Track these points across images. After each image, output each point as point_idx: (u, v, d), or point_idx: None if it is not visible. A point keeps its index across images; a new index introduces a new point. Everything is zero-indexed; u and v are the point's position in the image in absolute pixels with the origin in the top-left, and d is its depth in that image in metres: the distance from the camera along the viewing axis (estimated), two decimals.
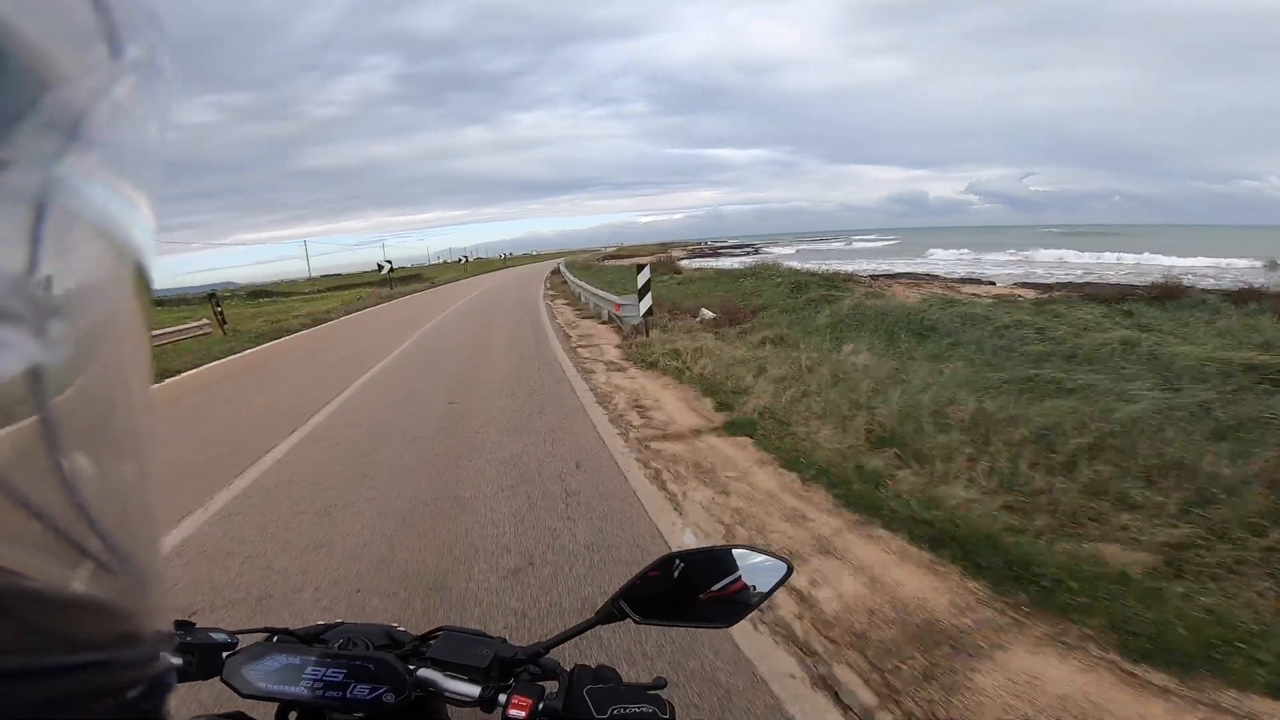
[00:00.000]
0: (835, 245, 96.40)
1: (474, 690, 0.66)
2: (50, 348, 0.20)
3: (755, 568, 0.73)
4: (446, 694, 0.67)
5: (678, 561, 0.71)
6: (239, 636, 0.70)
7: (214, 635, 0.68)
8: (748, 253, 67.20)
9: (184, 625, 0.69)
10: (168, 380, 8.56)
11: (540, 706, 0.64)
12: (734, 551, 0.73)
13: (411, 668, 0.67)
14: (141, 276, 0.25)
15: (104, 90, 0.22)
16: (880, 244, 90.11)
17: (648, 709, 0.62)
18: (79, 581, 0.22)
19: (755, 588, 0.72)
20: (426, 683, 0.67)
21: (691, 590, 0.71)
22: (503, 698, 0.65)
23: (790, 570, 0.74)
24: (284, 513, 3.44)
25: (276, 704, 0.66)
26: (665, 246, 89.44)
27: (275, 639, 0.71)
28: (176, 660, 0.65)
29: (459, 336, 10.74)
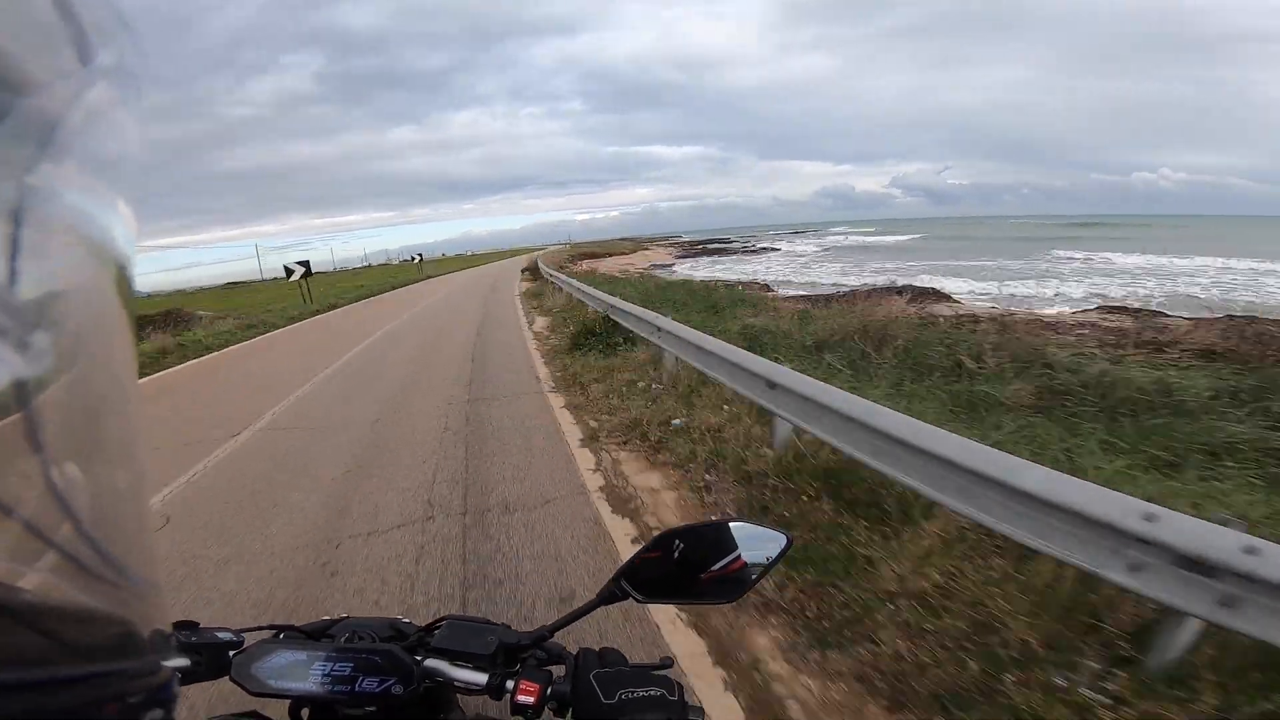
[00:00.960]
0: (833, 238, 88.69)
1: (481, 678, 0.67)
2: (34, 360, 0.20)
3: (753, 541, 0.73)
4: (454, 683, 0.67)
5: (677, 542, 0.72)
6: (244, 635, 0.70)
7: (219, 634, 0.68)
8: (747, 249, 62.61)
9: (188, 625, 0.68)
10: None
11: (548, 691, 0.64)
12: (731, 526, 0.73)
13: (418, 658, 0.67)
14: (123, 278, 0.25)
15: (76, 97, 0.22)
16: (891, 240, 76.19)
17: (655, 692, 0.62)
18: (76, 593, 0.22)
19: (755, 562, 0.73)
20: (434, 672, 0.67)
21: (692, 569, 0.72)
22: (510, 684, 0.66)
23: (790, 542, 0.74)
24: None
25: (289, 701, 0.66)
26: (637, 243, 79.19)
27: (281, 636, 0.71)
28: (184, 661, 0.64)
29: None
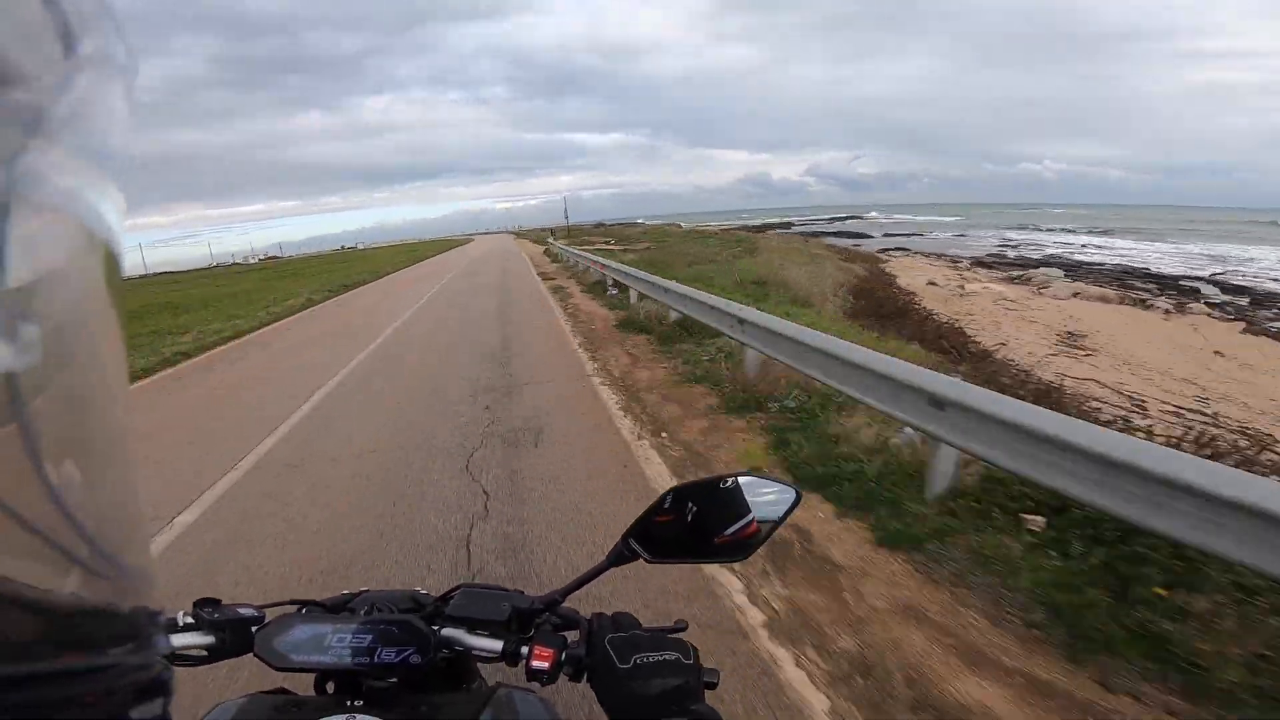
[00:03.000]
0: (851, 226, 69.95)
1: (496, 645, 0.69)
2: (24, 350, 0.20)
3: (763, 496, 0.74)
4: (471, 650, 0.69)
5: (690, 504, 0.72)
6: (266, 610, 0.71)
7: (241, 611, 0.70)
8: (833, 231, 52.19)
9: (211, 603, 0.70)
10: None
11: (563, 656, 0.66)
12: (741, 480, 0.73)
13: (435, 627, 0.69)
14: (113, 262, 0.25)
15: (62, 87, 0.22)
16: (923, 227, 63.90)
17: (670, 655, 0.63)
18: (69, 586, 0.23)
19: (765, 519, 0.73)
20: (451, 641, 0.69)
21: (706, 531, 0.72)
22: (525, 649, 0.67)
23: (799, 497, 0.75)
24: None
25: (314, 675, 0.67)
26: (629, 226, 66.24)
27: (304, 610, 0.73)
28: (209, 638, 0.67)
29: None
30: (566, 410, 4.75)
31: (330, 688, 0.67)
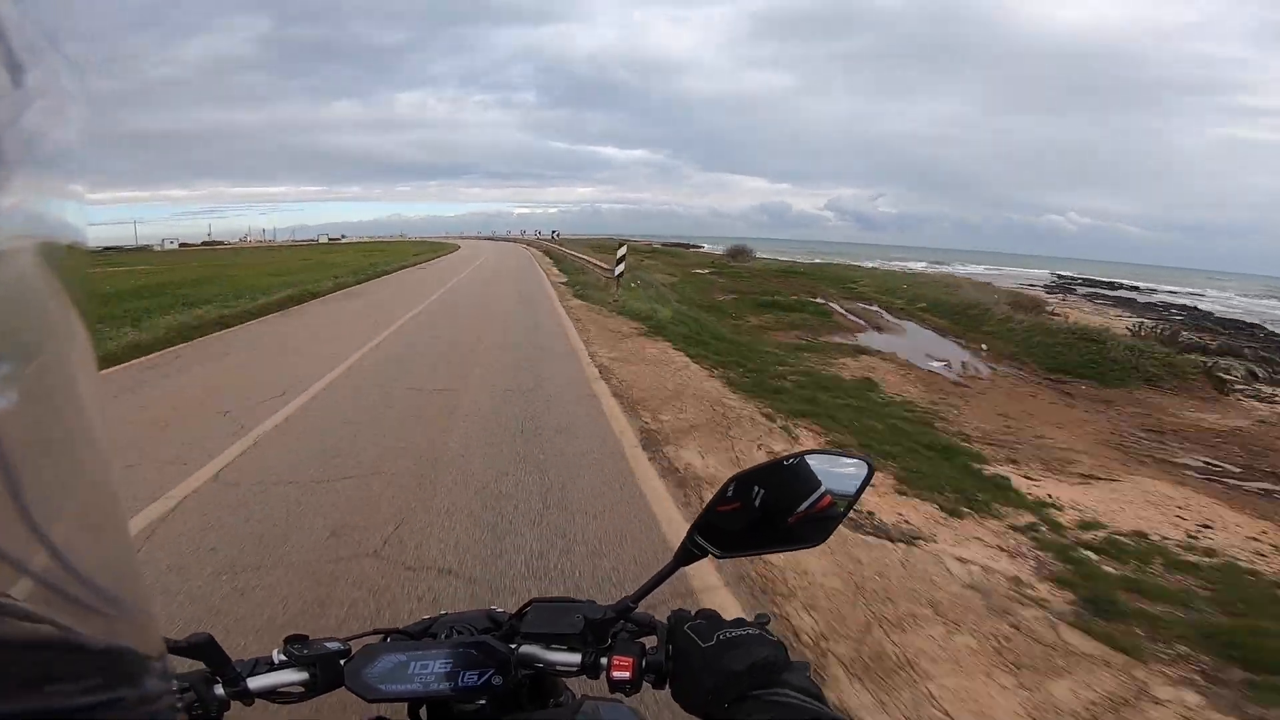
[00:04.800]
0: (976, 268, 57.65)
1: (575, 658, 0.68)
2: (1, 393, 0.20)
3: (834, 473, 0.71)
4: (553, 667, 0.69)
5: (756, 488, 0.69)
6: (351, 643, 0.71)
7: (328, 645, 0.70)
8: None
9: (299, 639, 0.70)
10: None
11: (644, 663, 0.65)
12: (808, 460, 0.70)
13: (513, 646, 0.68)
14: (76, 258, 0.25)
15: (12, 119, 0.23)
16: None
17: (755, 631, 0.62)
18: (61, 623, 0.23)
19: (840, 493, 0.71)
20: (530, 658, 0.68)
21: (777, 514, 0.69)
22: (604, 660, 0.67)
23: (872, 469, 0.73)
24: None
25: (406, 704, 0.68)
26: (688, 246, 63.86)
27: (387, 639, 0.72)
28: (303, 675, 0.67)
29: None
30: None
31: (423, 714, 0.69)
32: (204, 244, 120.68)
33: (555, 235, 55.91)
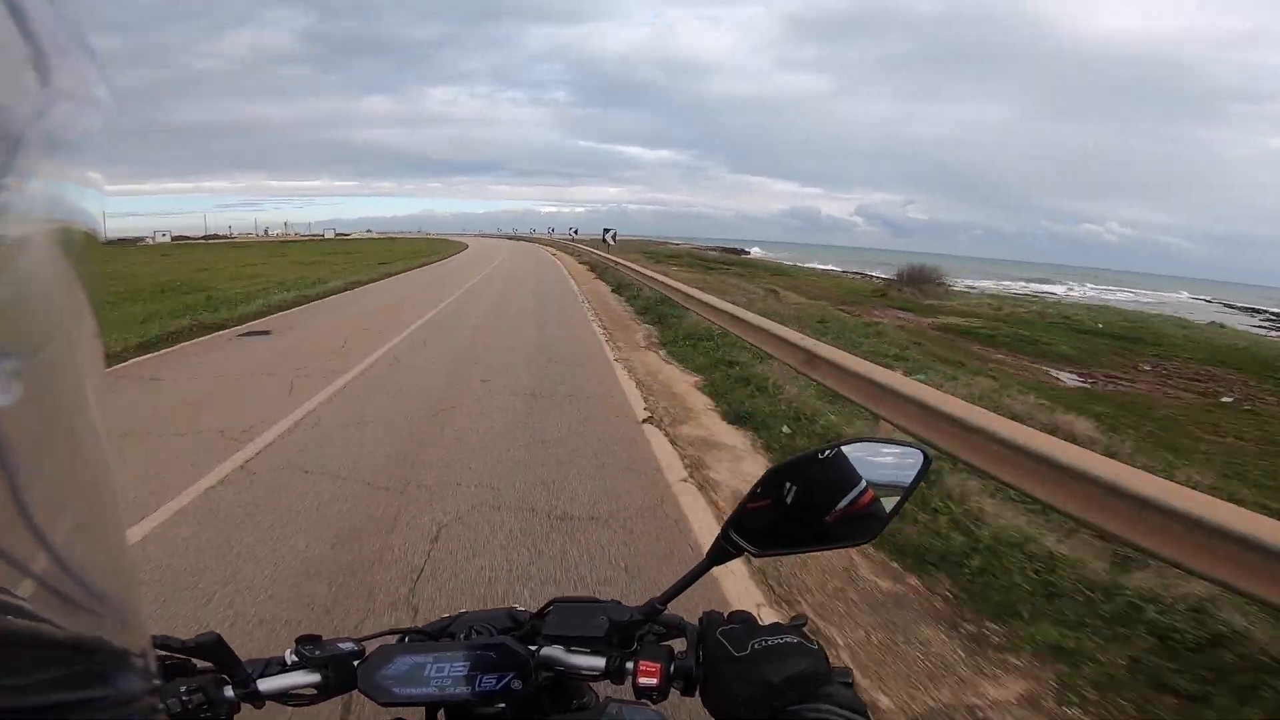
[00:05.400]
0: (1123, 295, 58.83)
1: (598, 662, 0.65)
2: (2, 389, 0.20)
3: (879, 463, 0.65)
4: (574, 671, 0.66)
5: (788, 484, 0.64)
6: (366, 643, 0.69)
7: (341, 645, 0.67)
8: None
9: (311, 639, 0.68)
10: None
11: (672, 669, 0.63)
12: (847, 450, 0.65)
13: (534, 648, 0.66)
14: (91, 246, 0.25)
15: (38, 117, 0.22)
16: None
17: (792, 639, 0.59)
18: (51, 620, 0.22)
19: (888, 484, 0.65)
20: (551, 661, 0.66)
21: (812, 511, 0.65)
22: (629, 665, 0.64)
23: (928, 460, 0.67)
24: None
25: (423, 708, 0.66)
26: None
27: (404, 639, 0.71)
28: (314, 677, 0.65)
29: None
30: None
31: (440, 717, 0.67)
32: (204, 238, 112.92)
33: (573, 233, 52.66)
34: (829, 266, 61.25)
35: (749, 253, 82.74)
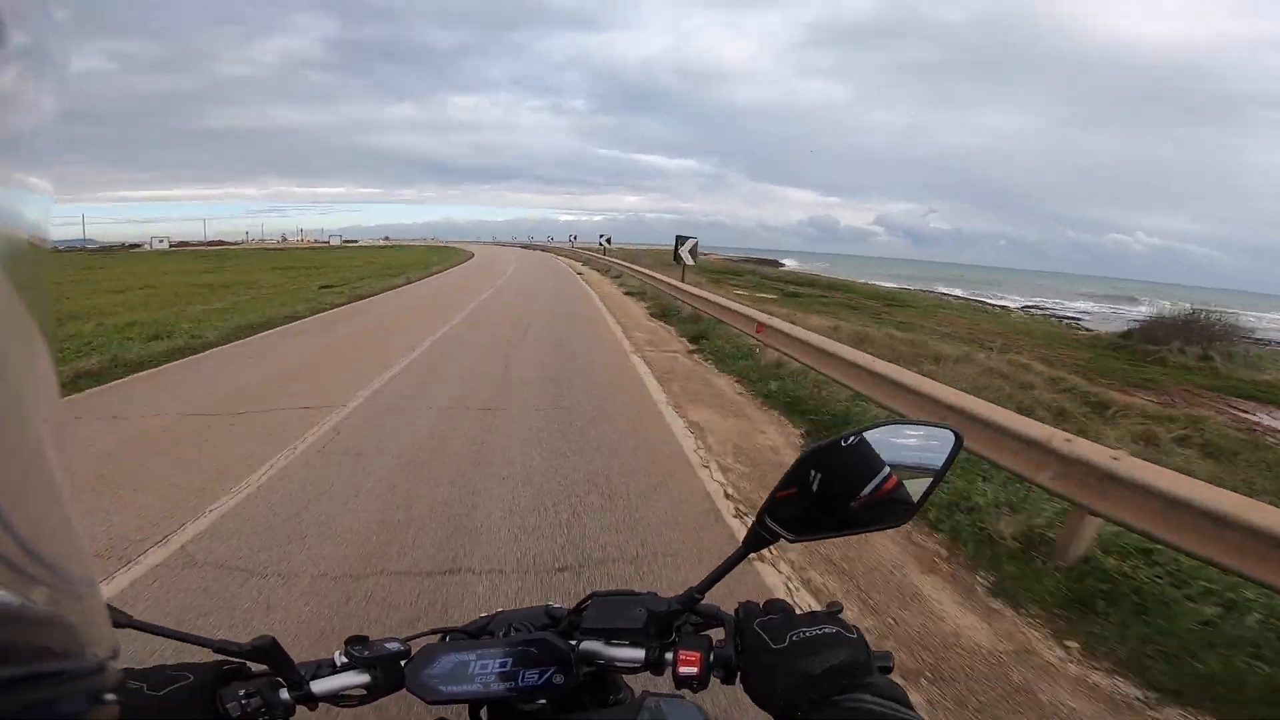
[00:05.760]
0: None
1: (638, 654, 0.66)
2: None
3: (906, 446, 0.64)
4: (614, 663, 0.67)
5: (813, 472, 0.63)
6: (411, 643, 0.71)
7: (388, 646, 0.69)
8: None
9: (359, 640, 0.69)
10: None
11: (711, 658, 0.63)
12: (867, 434, 0.63)
13: (573, 643, 0.67)
14: (35, 255, 0.25)
15: None
16: None
17: (831, 629, 0.58)
18: (7, 595, 0.22)
19: (916, 465, 0.64)
20: (591, 655, 0.67)
21: (837, 499, 0.64)
22: (669, 656, 0.65)
23: (959, 439, 0.66)
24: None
25: (468, 705, 0.67)
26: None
27: (446, 638, 0.72)
28: (364, 677, 0.67)
29: None
30: None
31: (484, 715, 0.69)
32: (209, 244, 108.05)
33: (572, 240, 54.58)
34: (953, 291, 47.37)
35: (784, 264, 73.89)
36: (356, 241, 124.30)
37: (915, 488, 0.64)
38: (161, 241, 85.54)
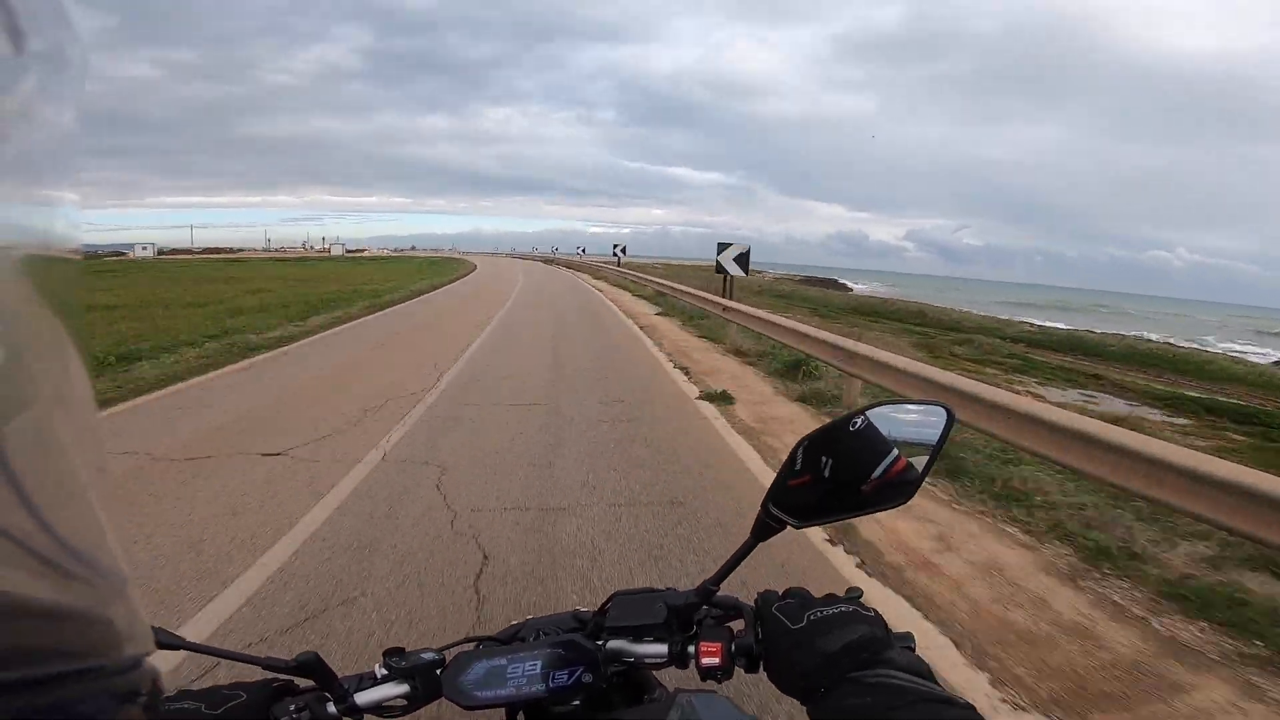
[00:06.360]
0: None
1: (661, 649, 0.68)
2: None
3: (906, 424, 0.66)
4: (640, 659, 0.69)
5: (824, 458, 0.64)
6: (445, 652, 0.72)
7: (424, 655, 0.70)
8: None
9: (396, 652, 0.71)
10: None
11: (733, 647, 0.64)
12: (871, 415, 0.64)
13: (600, 642, 0.69)
14: (67, 267, 0.25)
15: (7, 87, 0.22)
16: None
17: (847, 608, 0.59)
18: (45, 592, 0.23)
19: (916, 443, 0.65)
20: (618, 653, 0.69)
21: (846, 482, 0.64)
22: (691, 648, 0.66)
23: (951, 415, 0.67)
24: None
25: (504, 710, 0.69)
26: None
27: (479, 646, 0.73)
28: (403, 688, 0.69)
29: None
30: None
31: (520, 719, 0.70)
32: (204, 251, 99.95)
33: (581, 252, 53.79)
34: (1116, 328, 34.28)
35: (851, 288, 63.19)
36: (363, 250, 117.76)
37: (916, 464, 0.65)
38: (145, 249, 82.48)
